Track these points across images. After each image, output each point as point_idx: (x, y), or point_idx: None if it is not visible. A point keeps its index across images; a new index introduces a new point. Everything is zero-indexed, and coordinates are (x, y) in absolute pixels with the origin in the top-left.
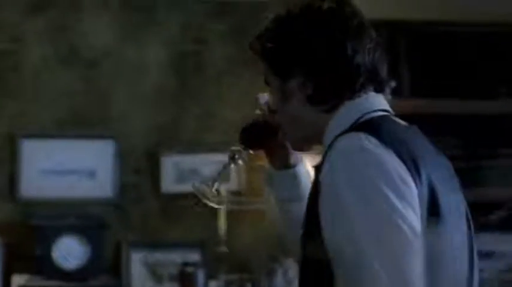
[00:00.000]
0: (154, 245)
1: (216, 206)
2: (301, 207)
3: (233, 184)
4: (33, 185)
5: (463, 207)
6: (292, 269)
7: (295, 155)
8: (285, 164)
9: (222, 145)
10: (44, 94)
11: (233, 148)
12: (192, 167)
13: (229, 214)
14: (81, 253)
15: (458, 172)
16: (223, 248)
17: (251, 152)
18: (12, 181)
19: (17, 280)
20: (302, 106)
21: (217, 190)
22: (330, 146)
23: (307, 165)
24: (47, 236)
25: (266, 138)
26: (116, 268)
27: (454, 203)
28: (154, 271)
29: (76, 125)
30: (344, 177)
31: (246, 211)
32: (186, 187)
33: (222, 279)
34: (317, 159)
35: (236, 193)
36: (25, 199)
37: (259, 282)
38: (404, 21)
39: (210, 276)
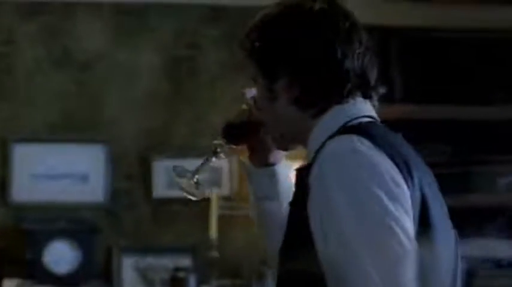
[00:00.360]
0: (145, 250)
1: (193, 198)
2: (279, 207)
3: (225, 189)
4: (25, 189)
5: (447, 213)
6: None
7: (275, 154)
8: (264, 162)
9: None
10: (36, 98)
11: (215, 141)
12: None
13: (221, 219)
14: (73, 258)
15: (449, 178)
16: (215, 253)
17: (233, 147)
18: (4, 184)
19: (8, 284)
20: (288, 107)
21: (196, 182)
22: (319, 150)
23: (287, 166)
24: (38, 241)
25: (249, 135)
26: (107, 273)
27: (440, 209)
28: (145, 276)
29: (68, 129)
30: (335, 179)
31: (238, 216)
32: (178, 192)
33: (213, 284)
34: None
35: (227, 198)
36: (16, 203)
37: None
38: (396, 26)
39: (201, 281)
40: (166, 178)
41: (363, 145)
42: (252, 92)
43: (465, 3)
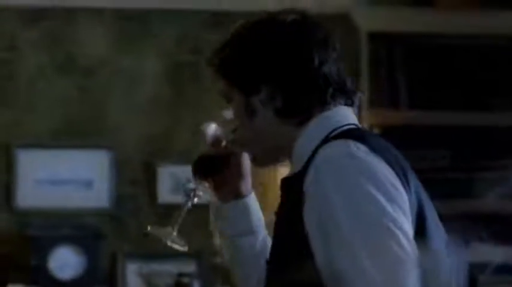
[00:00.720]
0: (150, 256)
1: (181, 248)
2: (254, 241)
3: None
4: (29, 195)
5: (438, 219)
6: None
7: (247, 184)
8: (234, 195)
9: None
10: (39, 103)
11: (187, 186)
12: (189, 177)
13: None
14: (77, 264)
15: (452, 183)
16: (219, 259)
17: (206, 185)
18: (8, 191)
19: None
20: (269, 120)
21: (178, 233)
22: (311, 157)
23: (255, 197)
24: (43, 247)
25: (216, 170)
26: (111, 279)
27: (434, 216)
28: (149, 282)
29: (72, 135)
30: (333, 183)
31: None
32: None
33: None
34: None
35: None
36: (21, 209)
37: None
38: (400, 33)
39: None
40: (171, 184)
41: (360, 149)
42: (212, 128)
43: (468, 9)
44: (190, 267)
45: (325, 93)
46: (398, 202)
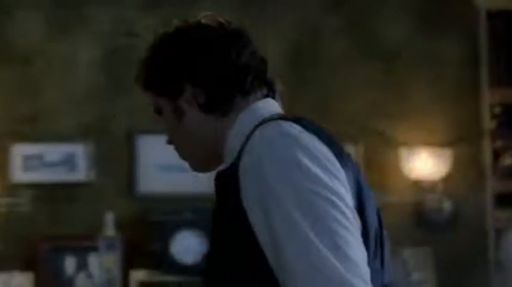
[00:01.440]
0: None
1: None
2: None
3: None
4: (151, 180)
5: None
6: (412, 259)
7: None
8: None
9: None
10: None
11: None
12: None
13: None
14: (199, 248)
15: None
16: None
17: None
18: (130, 177)
19: (136, 275)
20: (197, 118)
21: None
22: (241, 148)
23: None
24: (165, 232)
25: None
26: None
27: (370, 195)
28: None
29: None
30: (268, 160)
31: None
32: None
33: None
34: None
35: None
36: (143, 194)
37: None
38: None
39: None
40: None
41: (293, 128)
42: None
43: None
44: None
45: (244, 83)
46: (336, 174)
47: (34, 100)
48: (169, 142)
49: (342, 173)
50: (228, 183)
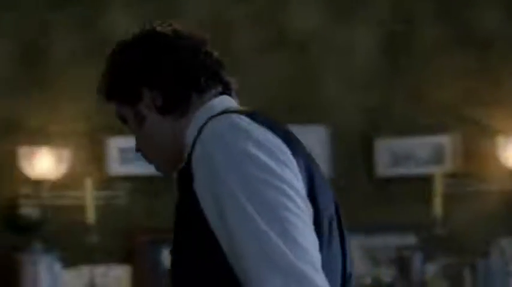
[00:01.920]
0: (369, 229)
1: None
2: None
3: (448, 166)
4: None
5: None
6: (510, 248)
7: None
8: None
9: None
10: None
11: None
12: (407, 150)
13: (445, 197)
14: None
15: None
16: (440, 231)
17: None
18: None
19: None
20: (157, 122)
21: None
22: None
23: None
24: None
25: None
26: None
27: (325, 184)
28: (371, 255)
29: (287, 111)
30: (219, 151)
31: (462, 193)
32: (400, 171)
33: (439, 262)
34: None
35: (452, 175)
36: None
37: (476, 264)
38: None
39: (427, 259)
40: (388, 157)
41: (242, 120)
42: None
43: None
44: (410, 240)
45: (199, 82)
46: (286, 163)
47: None
48: (137, 150)
49: (292, 162)
50: (185, 175)
